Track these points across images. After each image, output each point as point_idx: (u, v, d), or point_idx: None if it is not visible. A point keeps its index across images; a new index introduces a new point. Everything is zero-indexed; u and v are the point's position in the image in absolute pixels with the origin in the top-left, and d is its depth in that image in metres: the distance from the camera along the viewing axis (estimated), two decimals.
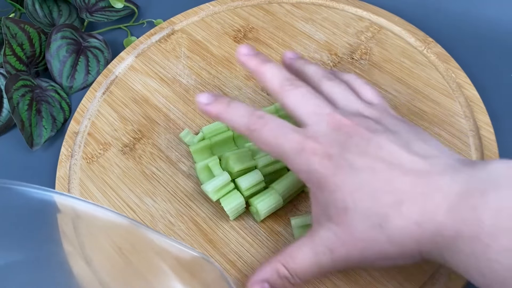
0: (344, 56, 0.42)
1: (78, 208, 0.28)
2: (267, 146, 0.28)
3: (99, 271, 0.28)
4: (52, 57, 0.45)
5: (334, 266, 0.26)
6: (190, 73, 0.43)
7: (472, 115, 0.37)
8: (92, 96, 0.43)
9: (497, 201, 0.22)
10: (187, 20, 0.47)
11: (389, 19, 0.44)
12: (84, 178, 0.38)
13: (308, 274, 0.27)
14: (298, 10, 0.46)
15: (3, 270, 0.28)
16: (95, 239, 0.29)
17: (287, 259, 0.27)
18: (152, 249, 0.27)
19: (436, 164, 0.25)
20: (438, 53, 0.41)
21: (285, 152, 0.28)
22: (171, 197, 0.36)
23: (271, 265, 0.27)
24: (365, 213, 0.25)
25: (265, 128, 0.28)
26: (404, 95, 0.39)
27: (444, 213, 0.23)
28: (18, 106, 0.41)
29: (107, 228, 0.28)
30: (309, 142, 0.27)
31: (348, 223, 0.25)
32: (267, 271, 0.27)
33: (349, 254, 0.26)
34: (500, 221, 0.21)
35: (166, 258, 0.27)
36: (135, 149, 0.39)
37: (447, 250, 0.23)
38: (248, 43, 0.44)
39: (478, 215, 0.22)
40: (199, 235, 0.34)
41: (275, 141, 0.28)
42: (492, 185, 0.22)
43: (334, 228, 0.26)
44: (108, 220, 0.27)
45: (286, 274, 0.27)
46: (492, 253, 0.21)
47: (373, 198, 0.25)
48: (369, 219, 0.25)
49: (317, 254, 0.26)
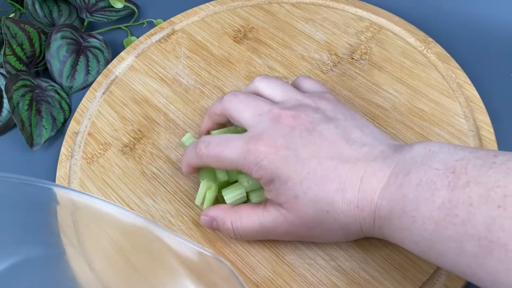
0: (344, 56, 0.42)
1: (77, 201, 0.28)
2: (218, 162, 0.30)
3: (99, 270, 0.28)
4: (52, 57, 0.45)
5: (278, 238, 0.31)
6: (190, 73, 0.43)
7: (472, 115, 0.37)
8: (92, 96, 0.43)
9: (416, 177, 0.24)
10: (187, 20, 0.47)
11: (389, 19, 0.44)
12: (84, 178, 0.38)
13: (249, 237, 0.31)
14: (298, 10, 0.46)
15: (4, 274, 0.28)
16: (95, 237, 0.29)
17: (237, 220, 0.31)
18: (160, 247, 0.27)
19: (371, 151, 0.28)
20: (438, 53, 0.41)
21: (233, 160, 0.29)
22: (171, 197, 0.36)
23: (223, 214, 0.31)
24: (314, 199, 0.27)
25: (208, 149, 0.30)
26: (404, 95, 0.39)
27: (378, 195, 0.26)
28: (18, 106, 0.41)
29: (111, 226, 0.28)
30: (252, 143, 0.29)
31: (298, 209, 0.28)
32: (218, 215, 0.32)
33: (294, 232, 0.30)
34: (420, 193, 0.24)
35: (175, 256, 0.27)
36: (135, 149, 0.39)
37: (385, 227, 0.26)
38: (248, 43, 0.44)
39: (403, 192, 0.25)
40: (199, 235, 0.34)
41: (222, 155, 0.30)
42: (413, 164, 0.25)
43: (284, 212, 0.29)
44: (113, 217, 0.27)
45: (229, 229, 0.31)
46: (418, 223, 0.24)
47: (320, 186, 0.27)
48: (317, 205, 0.27)
49: (263, 226, 0.30)
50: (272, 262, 0.32)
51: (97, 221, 0.28)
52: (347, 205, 0.27)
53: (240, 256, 0.33)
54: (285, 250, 0.32)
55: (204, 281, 0.27)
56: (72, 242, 0.29)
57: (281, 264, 0.32)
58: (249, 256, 0.33)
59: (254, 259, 0.32)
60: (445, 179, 0.23)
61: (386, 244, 0.32)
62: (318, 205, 0.27)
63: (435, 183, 0.24)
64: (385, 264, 0.31)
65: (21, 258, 0.29)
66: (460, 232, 0.22)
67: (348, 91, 0.40)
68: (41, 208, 0.29)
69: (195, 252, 0.26)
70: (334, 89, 0.40)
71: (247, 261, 0.32)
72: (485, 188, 0.22)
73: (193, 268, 0.27)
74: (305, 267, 0.32)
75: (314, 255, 0.32)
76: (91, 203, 0.27)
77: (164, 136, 0.39)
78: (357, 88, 0.40)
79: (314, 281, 0.31)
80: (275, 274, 0.32)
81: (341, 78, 0.41)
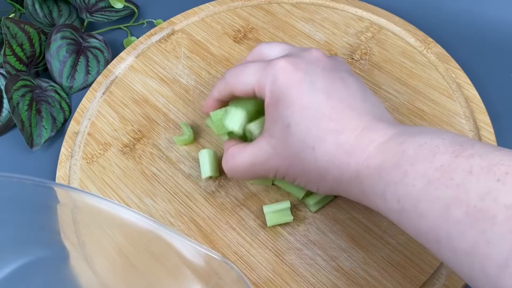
0: (344, 56, 0.42)
1: (79, 200, 0.28)
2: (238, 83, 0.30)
3: (99, 270, 0.28)
4: (52, 57, 0.44)
5: (264, 175, 0.30)
6: (190, 73, 0.43)
7: (472, 115, 0.37)
8: (92, 96, 0.43)
9: (421, 139, 0.24)
10: (187, 20, 0.47)
11: (389, 19, 0.44)
12: (84, 178, 0.38)
13: (239, 174, 0.31)
14: (298, 10, 0.46)
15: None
16: (95, 237, 0.29)
17: (228, 157, 0.31)
18: (165, 248, 0.26)
19: (381, 114, 0.28)
20: (438, 53, 0.41)
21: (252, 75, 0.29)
22: (171, 198, 0.36)
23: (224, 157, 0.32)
24: (304, 132, 0.27)
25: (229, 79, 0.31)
26: (404, 95, 0.39)
27: (375, 146, 0.25)
28: (18, 106, 0.41)
29: (112, 226, 0.28)
30: (273, 60, 0.29)
31: (286, 139, 0.28)
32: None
33: (278, 167, 0.29)
34: (421, 152, 0.23)
35: (181, 258, 0.26)
36: (135, 149, 0.39)
37: (368, 180, 0.25)
38: (248, 43, 0.44)
39: (403, 148, 0.24)
40: (199, 236, 0.34)
41: (244, 72, 0.30)
42: (420, 132, 0.25)
43: (273, 141, 0.29)
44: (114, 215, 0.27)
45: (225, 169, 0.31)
46: (410, 177, 0.23)
47: (316, 120, 0.27)
48: (306, 139, 0.27)
49: (253, 163, 0.30)
50: (272, 263, 0.32)
51: (97, 220, 0.28)
52: (336, 148, 0.26)
53: (240, 256, 0.33)
54: (285, 250, 0.32)
55: (210, 285, 0.26)
56: (72, 241, 0.29)
57: (281, 264, 0.32)
58: (249, 256, 0.32)
59: (254, 259, 0.32)
60: (450, 147, 0.23)
61: (386, 244, 0.32)
62: (307, 139, 0.27)
63: (439, 148, 0.23)
64: (385, 264, 0.31)
65: (23, 258, 0.29)
66: (450, 195, 0.21)
67: None
68: (42, 208, 0.29)
69: (202, 254, 0.26)
70: None
71: (247, 261, 0.32)
72: (489, 162, 0.21)
73: (199, 271, 0.26)
74: (305, 267, 0.32)
75: (314, 255, 0.32)
76: (92, 201, 0.27)
77: (164, 136, 0.39)
78: None
79: (314, 281, 0.31)
80: (275, 274, 0.32)
81: None
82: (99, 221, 0.28)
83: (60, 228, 0.29)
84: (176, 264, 0.27)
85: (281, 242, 0.33)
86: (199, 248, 0.26)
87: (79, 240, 0.29)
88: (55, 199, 0.28)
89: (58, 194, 0.28)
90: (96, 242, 0.29)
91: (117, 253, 0.28)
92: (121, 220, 0.27)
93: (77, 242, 0.29)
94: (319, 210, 0.34)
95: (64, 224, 0.29)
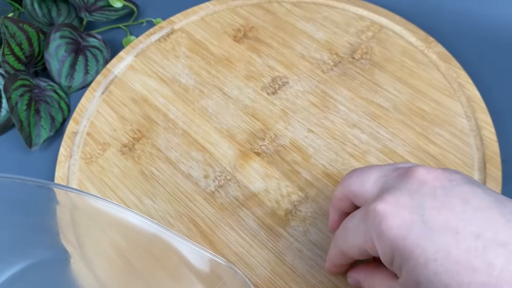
0: (344, 56, 0.42)
1: (78, 201, 0.27)
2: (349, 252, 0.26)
3: (98, 271, 0.28)
4: (51, 57, 0.44)
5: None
6: (190, 72, 0.43)
7: (473, 115, 0.37)
8: (91, 96, 0.42)
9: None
10: (186, 19, 0.47)
11: (390, 18, 0.44)
12: (83, 179, 0.37)
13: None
14: (299, 9, 0.46)
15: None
16: (94, 238, 0.29)
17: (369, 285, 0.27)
18: (168, 252, 0.26)
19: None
20: (439, 52, 0.41)
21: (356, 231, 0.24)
22: (171, 198, 0.36)
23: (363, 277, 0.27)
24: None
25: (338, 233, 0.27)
26: (405, 94, 0.39)
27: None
28: (17, 106, 0.40)
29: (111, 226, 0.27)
30: (371, 205, 0.23)
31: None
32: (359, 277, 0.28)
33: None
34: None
35: (183, 262, 0.26)
36: (134, 149, 0.39)
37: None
38: (248, 42, 0.44)
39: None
40: (199, 236, 0.34)
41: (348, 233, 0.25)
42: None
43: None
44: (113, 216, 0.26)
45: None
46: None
47: (454, 275, 0.20)
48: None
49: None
50: (272, 263, 0.32)
51: (96, 221, 0.28)
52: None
53: (240, 257, 0.32)
54: (285, 251, 0.32)
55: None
56: (72, 242, 0.29)
57: (281, 265, 0.32)
58: (249, 257, 0.32)
59: (254, 260, 0.32)
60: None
61: None
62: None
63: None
64: None
65: (24, 261, 0.29)
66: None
67: (349, 91, 0.40)
68: (41, 209, 0.29)
69: (206, 259, 0.25)
70: (334, 89, 0.40)
71: (247, 262, 0.32)
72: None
73: (203, 275, 0.26)
74: (306, 268, 0.31)
75: (314, 256, 0.32)
76: (91, 202, 0.27)
77: (163, 136, 0.39)
78: (357, 88, 0.40)
79: (315, 282, 0.31)
80: (275, 275, 0.31)
81: (341, 78, 0.41)
82: (99, 222, 0.28)
83: (60, 229, 0.29)
84: (178, 266, 0.26)
85: (281, 242, 0.33)
86: (203, 252, 0.25)
87: (79, 241, 0.29)
88: (54, 200, 0.28)
89: (57, 194, 0.28)
90: (96, 243, 0.29)
91: (116, 254, 0.28)
92: (120, 221, 0.26)
93: (77, 243, 0.29)
94: (319, 210, 0.34)
95: (63, 225, 0.29)
